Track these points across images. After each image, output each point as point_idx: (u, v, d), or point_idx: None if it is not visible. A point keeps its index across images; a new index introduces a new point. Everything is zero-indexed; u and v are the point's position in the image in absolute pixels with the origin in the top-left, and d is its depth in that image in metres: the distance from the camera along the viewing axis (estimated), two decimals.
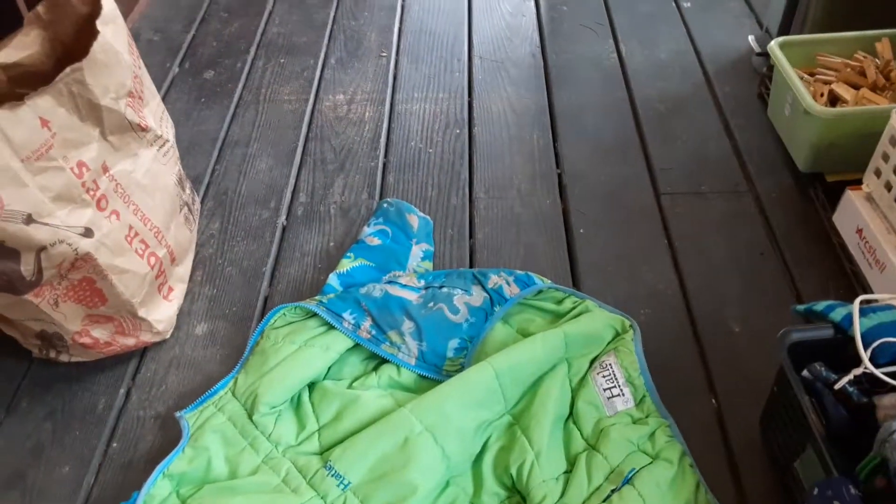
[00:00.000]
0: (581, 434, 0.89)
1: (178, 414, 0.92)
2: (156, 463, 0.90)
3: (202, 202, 1.30)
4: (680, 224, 1.21)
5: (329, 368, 0.98)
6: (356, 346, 0.99)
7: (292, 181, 1.35)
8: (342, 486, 0.83)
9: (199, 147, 1.41)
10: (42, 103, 0.86)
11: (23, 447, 0.95)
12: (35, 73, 1.04)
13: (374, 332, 0.98)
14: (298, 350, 0.96)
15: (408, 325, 0.99)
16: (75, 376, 1.03)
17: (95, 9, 1.02)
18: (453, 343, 0.98)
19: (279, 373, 0.94)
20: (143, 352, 1.07)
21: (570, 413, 0.91)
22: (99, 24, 0.94)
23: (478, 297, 1.04)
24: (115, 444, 0.95)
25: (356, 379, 0.97)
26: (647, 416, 0.90)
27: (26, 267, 0.89)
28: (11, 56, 1.00)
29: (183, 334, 1.09)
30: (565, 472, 0.85)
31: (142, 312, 1.02)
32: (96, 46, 0.91)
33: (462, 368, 0.96)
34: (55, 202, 0.89)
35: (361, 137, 1.43)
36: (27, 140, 0.84)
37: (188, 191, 1.19)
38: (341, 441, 0.89)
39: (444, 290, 1.04)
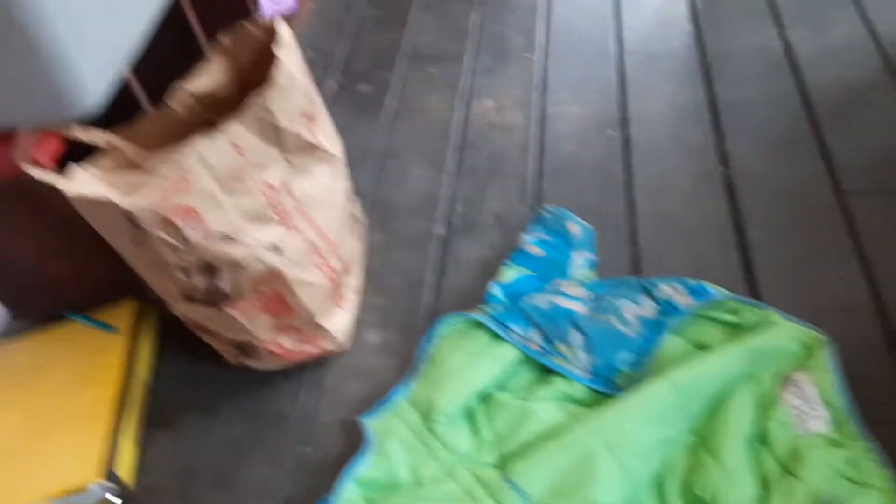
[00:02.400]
0: (773, 456, 0.84)
1: (360, 419, 0.97)
2: (344, 464, 0.95)
3: (366, 213, 1.35)
4: (869, 227, 1.12)
5: (499, 379, 0.99)
6: (525, 357, 0.99)
7: (448, 190, 1.37)
8: (523, 500, 0.84)
9: (358, 159, 1.47)
10: (234, 130, 0.92)
11: (226, 448, 1.04)
12: (219, 98, 1.12)
13: (543, 344, 0.98)
14: (469, 360, 0.98)
15: (577, 337, 0.98)
16: (267, 382, 1.10)
17: (272, 35, 1.09)
18: (625, 356, 0.96)
19: (451, 383, 0.96)
20: (325, 361, 1.13)
21: (759, 432, 0.87)
22: (277, 50, 1.00)
23: (648, 307, 1.01)
24: (307, 449, 1.02)
25: (527, 390, 0.97)
26: (847, 440, 0.84)
27: (225, 283, 0.96)
28: (202, 85, 1.09)
29: (359, 343, 1.14)
30: (758, 496, 0.81)
31: (322, 323, 1.08)
32: (277, 73, 0.97)
33: (636, 382, 0.94)
34: (248, 222, 0.95)
35: (513, 143, 1.44)
36: (224, 165, 0.91)
37: (355, 204, 1.24)
38: (518, 453, 0.90)
39: (611, 300, 1.02)
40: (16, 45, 0.91)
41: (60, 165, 1.01)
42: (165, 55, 1.21)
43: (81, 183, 0.96)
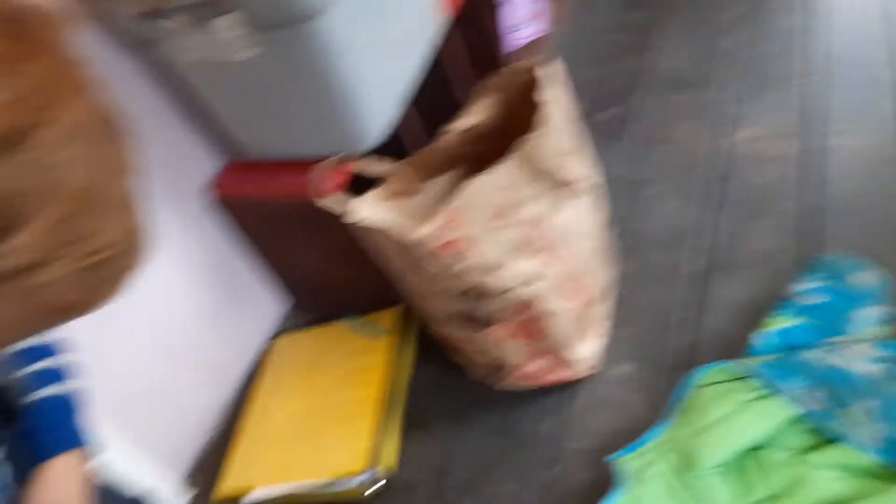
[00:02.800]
0: None
1: (612, 456, 0.95)
2: (591, 496, 0.95)
3: (617, 243, 1.33)
4: None
5: (768, 436, 0.91)
6: (797, 416, 0.90)
7: (705, 224, 1.30)
8: None
9: (607, 187, 1.45)
10: (502, 171, 0.96)
11: (477, 458, 1.09)
12: (485, 132, 1.18)
13: (824, 406, 0.88)
14: (737, 411, 0.92)
15: (867, 403, 0.87)
16: (516, 401, 1.14)
17: (541, 75, 1.12)
18: None
19: (718, 433, 0.91)
20: (571, 386, 1.13)
21: None
22: (543, 93, 1.03)
23: None
24: (552, 471, 1.03)
25: (800, 452, 0.88)
26: None
27: (486, 309, 1.01)
28: (469, 122, 1.15)
29: (609, 372, 1.13)
30: None
31: (573, 350, 1.09)
32: (546, 113, 0.99)
33: None
34: (511, 254, 0.99)
35: (781, 176, 1.32)
36: (492, 203, 0.96)
37: (607, 234, 1.23)
38: None
39: None
40: (322, 92, 1.04)
41: (346, 191, 1.13)
42: (426, 95, 1.31)
43: (363, 211, 1.07)
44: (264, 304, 1.44)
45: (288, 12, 0.91)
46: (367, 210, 1.07)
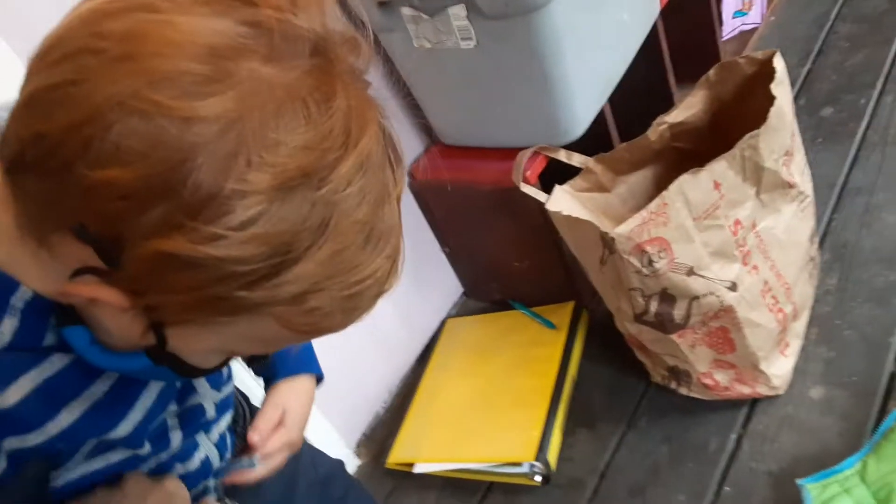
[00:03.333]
0: None
1: (800, 482, 0.91)
2: None
3: (821, 254, 1.25)
4: None
5: None
6: None
7: None
8: None
9: (815, 193, 1.36)
10: (718, 168, 0.94)
11: (643, 463, 1.08)
12: (692, 129, 1.15)
13: None
14: None
15: None
16: (689, 410, 1.11)
17: (762, 69, 1.06)
18: None
19: None
20: (753, 403, 1.09)
21: None
22: (773, 88, 0.98)
23: None
24: (727, 489, 1.00)
25: None
26: None
27: (678, 312, 0.99)
28: (679, 116, 1.12)
29: (796, 393, 1.07)
30: None
31: (762, 365, 1.04)
32: (773, 112, 0.95)
33: None
34: (712, 257, 0.96)
35: None
36: (701, 201, 0.93)
37: (815, 244, 1.16)
38: None
39: None
40: (534, 83, 1.07)
41: (541, 182, 1.16)
42: (635, 86, 1.28)
43: (562, 201, 1.09)
44: (440, 288, 1.49)
45: (517, 3, 0.94)
46: (565, 200, 1.09)
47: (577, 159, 1.15)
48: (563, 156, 1.15)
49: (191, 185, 0.32)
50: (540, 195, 1.09)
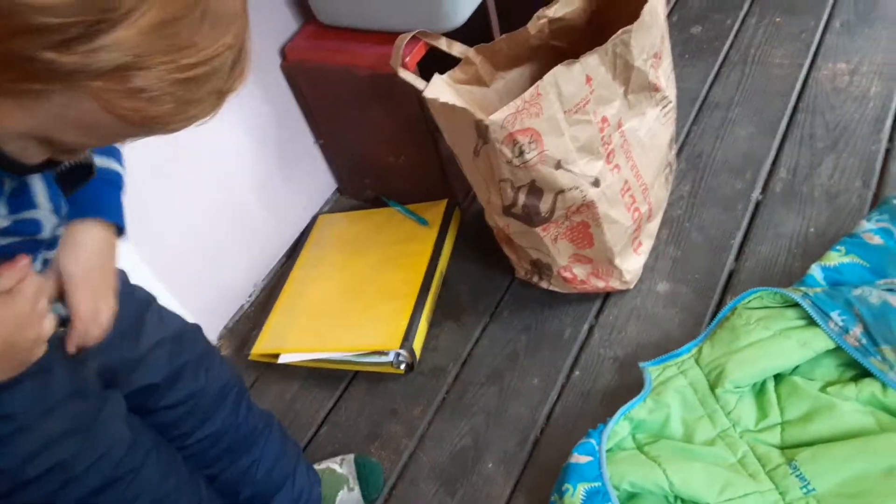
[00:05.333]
0: None
1: (641, 364, 0.98)
2: (611, 399, 0.99)
3: (678, 162, 1.31)
4: None
5: (802, 364, 0.93)
6: (837, 349, 0.92)
7: (773, 153, 1.28)
8: (805, 490, 0.81)
9: (678, 106, 1.42)
10: (591, 62, 0.94)
11: (502, 351, 1.13)
12: (570, 27, 1.15)
13: (864, 342, 0.90)
14: (773, 337, 0.93)
15: None
16: (548, 302, 1.17)
17: None
18: None
19: (750, 354, 0.93)
20: (606, 296, 1.15)
21: None
22: None
23: None
24: (577, 372, 1.07)
25: (830, 384, 0.91)
26: None
27: (544, 205, 1.02)
28: (559, 11, 1.12)
29: (645, 288, 1.14)
30: None
31: (617, 261, 1.10)
32: (646, 9, 0.96)
33: None
34: (579, 152, 0.99)
35: (863, 115, 1.28)
36: (573, 94, 0.94)
37: (673, 151, 1.22)
38: (807, 444, 0.85)
39: None
40: None
41: (420, 71, 1.13)
42: None
43: (440, 90, 1.06)
44: (313, 181, 1.44)
45: None
46: (443, 89, 1.06)
47: (457, 48, 1.12)
48: (443, 44, 1.11)
49: None
50: (418, 82, 1.06)
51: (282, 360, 1.16)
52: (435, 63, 1.12)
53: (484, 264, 1.25)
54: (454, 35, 1.13)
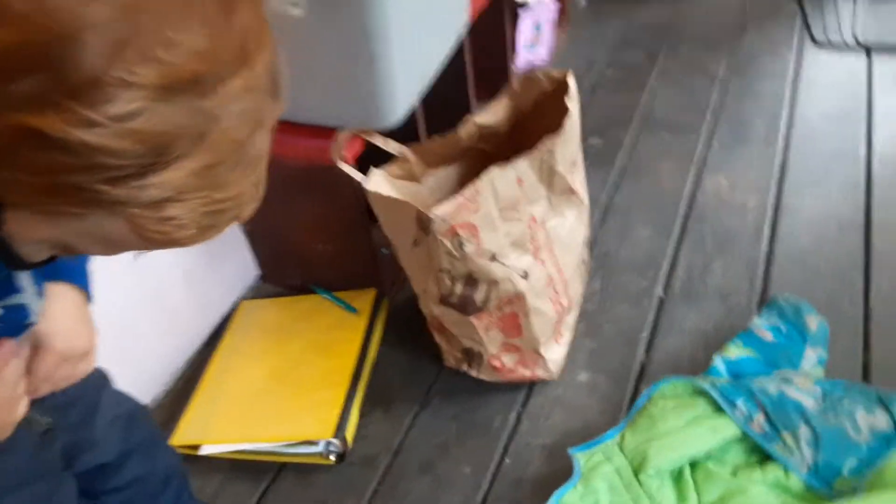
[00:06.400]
0: None
1: (570, 451, 1.03)
2: (542, 486, 1.02)
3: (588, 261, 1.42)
4: None
5: (714, 450, 1.01)
6: (743, 435, 1.01)
7: (670, 255, 1.41)
8: None
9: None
10: (521, 166, 1.03)
11: (433, 440, 1.14)
12: (495, 132, 1.25)
13: (766, 429, 0.99)
14: (687, 425, 1.01)
15: (804, 431, 0.98)
16: (477, 391, 1.20)
17: (556, 87, 1.20)
18: (850, 462, 0.95)
19: (668, 441, 1.00)
20: (531, 386, 1.21)
21: None
22: (567, 101, 1.11)
23: (881, 419, 0.99)
24: (507, 461, 1.10)
25: (739, 468, 0.99)
26: None
27: (479, 295, 1.07)
28: (486, 119, 1.22)
29: (567, 377, 1.21)
30: None
31: (542, 350, 1.16)
32: (567, 122, 1.08)
33: (854, 491, 0.93)
34: (511, 247, 1.06)
35: (744, 225, 1.45)
36: (506, 194, 1.02)
37: (587, 249, 1.32)
38: None
39: (846, 403, 1.01)
40: (358, 60, 1.08)
41: (357, 164, 1.18)
42: (442, 92, 1.37)
43: (380, 183, 1.11)
44: (235, 268, 1.42)
45: None
46: (381, 183, 1.12)
47: (393, 146, 1.18)
48: (380, 141, 1.18)
49: (73, 62, 0.31)
50: (358, 175, 1.11)
51: (203, 451, 1.11)
52: (366, 158, 1.17)
53: (412, 353, 1.27)
54: (386, 136, 1.19)
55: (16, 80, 0.31)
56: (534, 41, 1.89)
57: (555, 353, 1.20)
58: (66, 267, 0.62)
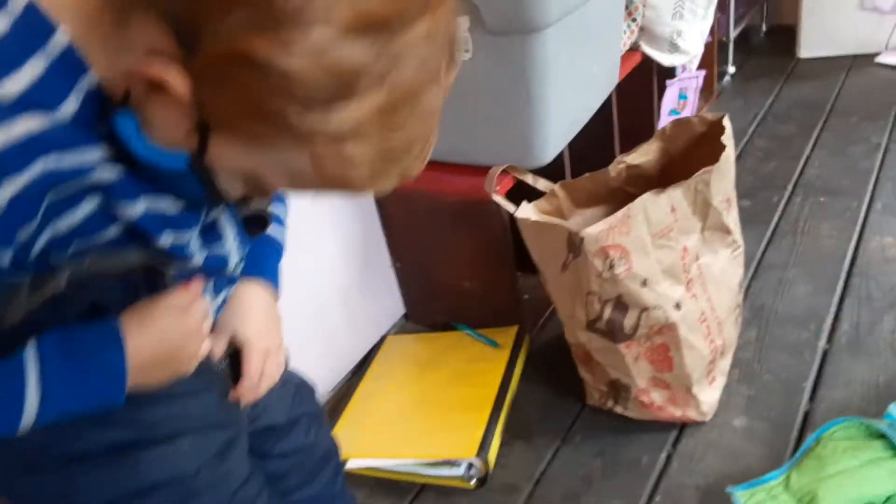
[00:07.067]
0: None
1: (729, 489, 0.97)
2: None
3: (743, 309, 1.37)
4: None
5: (891, 496, 0.91)
6: None
7: (833, 310, 1.33)
8: None
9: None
10: (675, 194, 1.05)
11: (577, 473, 1.11)
12: (644, 174, 1.27)
13: None
14: (861, 466, 0.93)
15: None
16: (622, 430, 1.17)
17: (710, 130, 1.21)
18: None
19: (840, 482, 0.92)
20: (681, 427, 1.15)
21: None
22: (724, 139, 1.12)
23: None
24: (657, 498, 1.04)
25: None
26: None
27: (629, 321, 1.07)
28: (637, 159, 1.25)
29: (720, 422, 1.15)
30: None
31: (694, 389, 1.12)
32: (723, 156, 1.08)
33: None
34: (663, 274, 1.06)
35: None
36: (659, 220, 1.04)
37: (742, 294, 1.28)
38: None
39: None
40: (521, 103, 1.17)
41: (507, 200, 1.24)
42: (588, 146, 1.42)
43: (530, 212, 1.16)
44: (384, 303, 1.50)
45: (519, 22, 1.05)
46: (532, 213, 1.17)
47: (542, 184, 1.24)
48: (530, 178, 1.24)
49: None
50: (509, 206, 1.16)
51: (349, 465, 1.14)
52: (515, 196, 1.23)
53: (554, 390, 1.27)
54: (543, 173, 1.25)
55: (234, 9, 0.36)
56: (678, 108, 1.92)
57: (708, 395, 1.15)
58: (262, 262, 0.68)
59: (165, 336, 0.51)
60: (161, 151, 0.43)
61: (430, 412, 1.22)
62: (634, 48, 1.64)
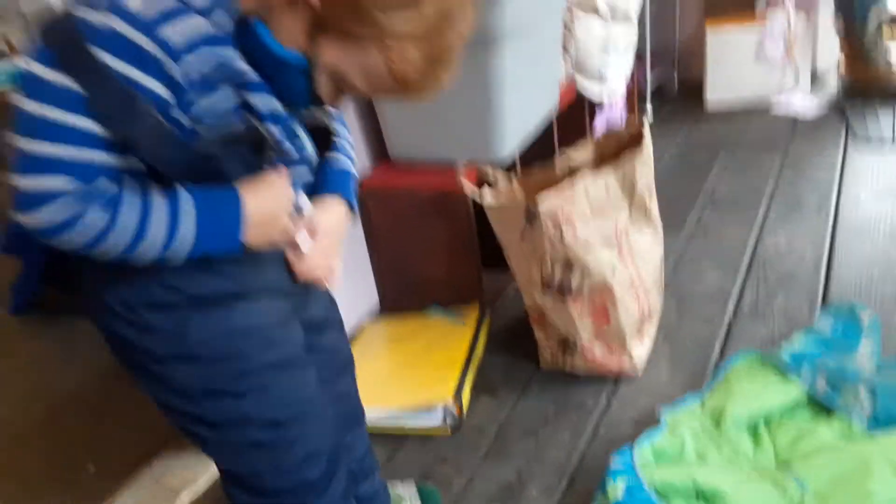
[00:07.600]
0: None
1: (658, 408, 1.19)
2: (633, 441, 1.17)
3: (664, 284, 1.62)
4: None
5: (784, 408, 1.15)
6: (808, 399, 1.15)
7: (737, 288, 1.61)
8: (801, 489, 0.99)
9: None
10: (608, 175, 1.29)
11: (534, 416, 1.31)
12: (580, 169, 1.53)
13: (829, 390, 1.14)
14: (761, 386, 1.17)
15: (862, 388, 1.13)
16: (571, 382, 1.39)
17: (633, 138, 1.48)
18: None
19: (743, 399, 1.16)
20: (616, 380, 1.38)
21: None
22: (644, 139, 1.39)
23: None
24: (602, 430, 1.25)
25: (807, 420, 1.13)
26: None
27: (575, 280, 1.29)
28: (577, 157, 1.50)
29: (649, 372, 1.38)
30: None
31: (628, 344, 1.35)
32: (644, 148, 1.35)
33: None
34: (601, 242, 1.29)
35: (803, 268, 1.64)
36: (596, 196, 1.28)
37: (663, 271, 1.53)
38: (797, 458, 1.05)
39: None
40: (482, 107, 1.41)
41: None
42: (533, 160, 1.68)
43: (491, 195, 1.39)
44: (358, 294, 1.67)
45: (483, 37, 1.31)
46: (492, 196, 1.39)
47: (500, 175, 1.47)
48: (489, 171, 1.47)
49: None
50: (476, 190, 1.39)
51: None
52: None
53: (514, 357, 1.48)
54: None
55: None
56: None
57: (639, 350, 1.38)
58: (342, 182, 0.81)
59: (266, 204, 0.68)
60: (285, 49, 0.63)
61: (408, 373, 1.40)
62: (570, 78, 1.93)
